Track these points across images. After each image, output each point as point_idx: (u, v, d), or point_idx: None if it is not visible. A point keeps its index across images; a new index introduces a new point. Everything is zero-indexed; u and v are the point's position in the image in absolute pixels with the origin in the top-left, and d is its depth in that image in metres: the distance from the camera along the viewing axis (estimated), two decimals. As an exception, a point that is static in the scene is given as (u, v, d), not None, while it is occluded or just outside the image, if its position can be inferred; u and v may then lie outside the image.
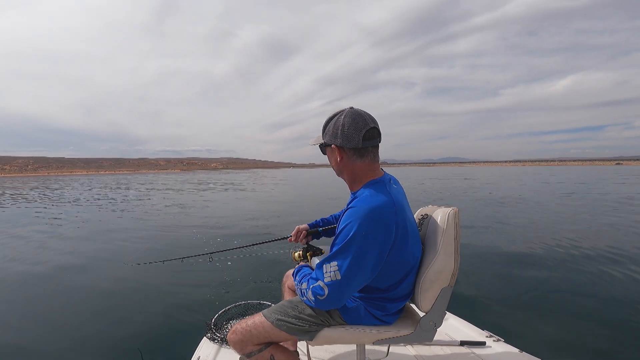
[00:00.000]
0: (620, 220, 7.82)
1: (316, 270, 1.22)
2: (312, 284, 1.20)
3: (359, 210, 1.14)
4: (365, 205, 1.14)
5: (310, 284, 1.21)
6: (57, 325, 3.08)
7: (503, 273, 4.32)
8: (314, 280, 1.20)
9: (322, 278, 1.17)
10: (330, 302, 1.18)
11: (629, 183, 20.68)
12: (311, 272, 1.30)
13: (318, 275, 1.19)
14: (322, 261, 1.19)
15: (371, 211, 1.12)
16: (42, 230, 8.37)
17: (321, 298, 1.17)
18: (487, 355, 1.76)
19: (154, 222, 9.19)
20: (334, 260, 1.15)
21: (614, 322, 2.91)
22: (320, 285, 1.17)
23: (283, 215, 9.97)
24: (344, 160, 1.26)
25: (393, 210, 1.15)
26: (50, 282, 4.31)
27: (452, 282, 1.26)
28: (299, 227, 1.70)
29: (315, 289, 1.18)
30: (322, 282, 1.17)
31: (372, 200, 1.16)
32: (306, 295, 1.23)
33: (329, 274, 1.15)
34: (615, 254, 5.00)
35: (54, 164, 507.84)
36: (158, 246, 6.21)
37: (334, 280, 1.14)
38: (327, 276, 1.15)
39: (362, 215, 1.12)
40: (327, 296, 1.16)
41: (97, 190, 25.16)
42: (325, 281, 1.16)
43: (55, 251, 6.03)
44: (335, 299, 1.17)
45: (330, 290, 1.15)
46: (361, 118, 1.21)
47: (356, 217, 1.12)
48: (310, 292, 1.20)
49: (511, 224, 7.69)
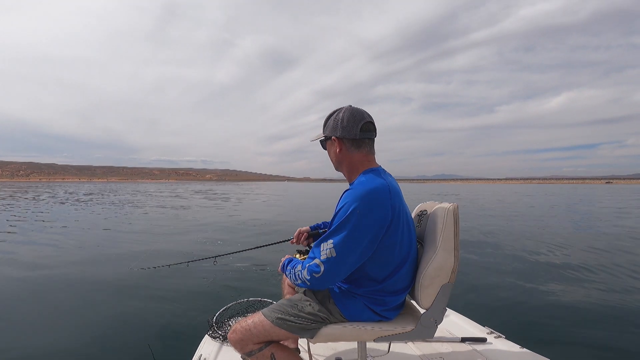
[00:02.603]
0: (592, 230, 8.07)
1: (313, 249, 1.26)
2: (309, 262, 1.24)
3: (355, 191, 1.20)
4: (361, 187, 1.21)
5: (306, 264, 1.24)
6: (63, 326, 3.09)
7: (504, 270, 4.41)
8: (311, 259, 1.24)
9: (318, 256, 1.21)
10: (325, 279, 1.20)
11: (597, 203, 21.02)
12: (302, 261, 1.32)
13: (315, 254, 1.23)
14: (319, 240, 1.24)
15: (367, 192, 1.18)
16: (45, 236, 8.23)
17: (317, 275, 1.20)
18: (488, 351, 1.76)
19: (157, 228, 9.14)
20: (330, 239, 1.19)
21: (613, 321, 2.95)
22: (317, 263, 1.20)
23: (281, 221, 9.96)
24: (343, 151, 1.34)
25: (388, 193, 1.20)
26: (57, 285, 4.27)
27: (452, 278, 1.27)
28: (301, 229, 1.72)
29: (312, 267, 1.21)
30: (319, 260, 1.20)
31: (368, 183, 1.22)
32: (301, 276, 1.25)
33: (324, 251, 1.19)
34: (611, 258, 5.12)
35: (46, 170, 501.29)
36: (163, 250, 6.20)
37: (330, 257, 1.17)
38: (323, 254, 1.19)
39: (358, 196, 1.18)
40: (323, 273, 1.19)
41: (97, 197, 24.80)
42: (322, 258, 1.19)
43: (58, 257, 5.92)
44: (330, 276, 1.20)
45: (326, 267, 1.18)
46: (359, 112, 1.32)
47: (352, 198, 1.18)
48: (305, 271, 1.23)
49: (511, 224, 7.85)
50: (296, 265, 1.31)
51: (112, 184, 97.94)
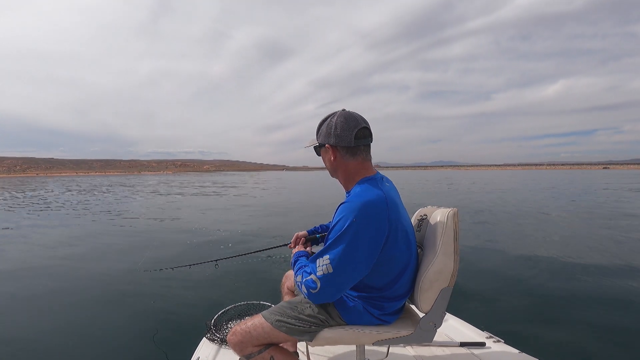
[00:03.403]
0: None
1: (310, 264, 1.24)
2: (305, 277, 1.22)
3: (351, 204, 1.16)
4: (357, 200, 1.17)
5: (304, 277, 1.23)
6: (61, 326, 3.09)
7: (503, 274, 4.38)
8: (307, 274, 1.22)
9: (315, 272, 1.18)
10: (322, 295, 1.19)
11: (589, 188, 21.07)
12: (307, 263, 1.30)
13: (312, 269, 1.21)
14: (316, 255, 1.21)
15: (363, 205, 1.14)
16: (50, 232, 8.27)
17: (314, 292, 1.18)
18: (486, 356, 1.77)
19: (158, 227, 9.13)
20: (326, 254, 1.16)
21: (614, 325, 2.94)
22: (313, 279, 1.18)
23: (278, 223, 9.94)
24: (337, 159, 1.30)
25: (385, 205, 1.17)
26: (57, 284, 4.28)
27: (451, 282, 1.27)
28: (298, 234, 1.70)
29: (308, 282, 1.20)
30: (315, 276, 1.18)
31: (364, 195, 1.18)
32: (300, 288, 1.25)
33: (321, 267, 1.17)
34: (614, 259, 5.09)
35: (43, 165, 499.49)
36: (164, 252, 6.13)
37: (326, 273, 1.15)
38: (319, 269, 1.17)
39: (354, 209, 1.14)
40: (320, 290, 1.17)
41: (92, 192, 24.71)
42: (318, 274, 1.17)
43: (57, 256, 5.91)
44: (327, 293, 1.18)
45: (322, 283, 1.16)
46: (353, 118, 1.26)
47: (348, 211, 1.15)
48: (304, 285, 1.22)
49: (511, 225, 7.83)
50: (298, 273, 1.29)
51: (115, 177, 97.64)
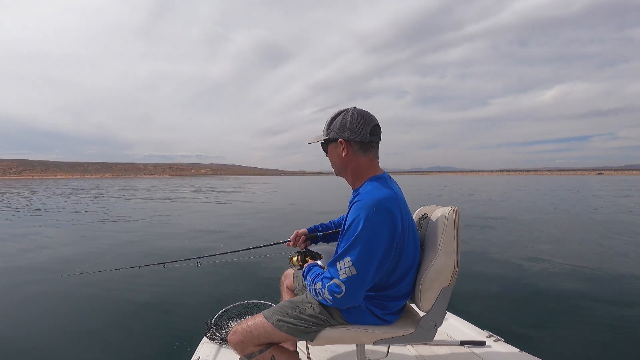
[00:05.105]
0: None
1: (329, 268, 1.21)
2: (327, 282, 1.18)
3: (364, 203, 1.15)
4: (370, 198, 1.15)
5: (325, 283, 1.19)
6: (57, 327, 3.07)
7: (503, 274, 4.39)
8: (328, 280, 1.19)
9: (337, 276, 1.15)
10: (348, 298, 1.16)
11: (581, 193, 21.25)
12: (323, 271, 1.28)
13: (333, 274, 1.17)
14: (335, 259, 1.18)
15: (377, 203, 1.13)
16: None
17: (339, 296, 1.15)
18: (487, 354, 1.77)
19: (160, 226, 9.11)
20: (346, 256, 1.14)
21: (614, 324, 2.96)
22: (336, 283, 1.15)
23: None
24: (349, 154, 1.28)
25: (397, 203, 1.17)
26: (56, 284, 4.22)
27: (452, 281, 1.27)
28: (298, 231, 1.70)
29: (332, 287, 1.16)
30: (338, 280, 1.15)
31: (376, 193, 1.18)
32: (322, 294, 1.21)
33: (343, 270, 1.14)
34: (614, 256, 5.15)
35: (39, 167, 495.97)
36: (162, 250, 6.14)
37: (350, 275, 1.13)
38: (342, 273, 1.14)
39: (368, 207, 1.12)
40: (345, 293, 1.14)
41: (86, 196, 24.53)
42: (341, 278, 1.14)
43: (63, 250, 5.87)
44: (353, 295, 1.16)
45: (347, 286, 1.14)
46: (368, 115, 1.28)
47: (363, 210, 1.13)
48: (326, 291, 1.18)
49: (511, 227, 7.86)
50: (317, 280, 1.26)
51: (110, 180, 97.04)
